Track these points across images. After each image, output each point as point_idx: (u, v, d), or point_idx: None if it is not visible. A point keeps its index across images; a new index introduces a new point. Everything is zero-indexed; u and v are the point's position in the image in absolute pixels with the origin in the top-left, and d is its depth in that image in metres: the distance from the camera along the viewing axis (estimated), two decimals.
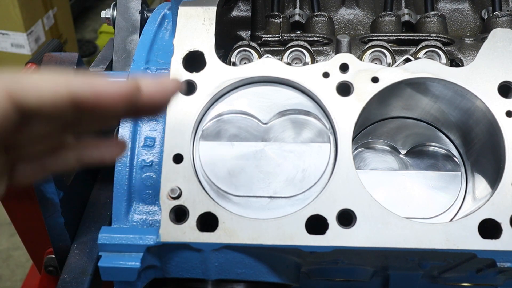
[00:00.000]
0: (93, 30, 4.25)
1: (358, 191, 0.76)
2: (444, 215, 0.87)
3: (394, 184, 0.89)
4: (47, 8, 3.24)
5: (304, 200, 0.78)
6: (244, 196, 0.80)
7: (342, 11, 1.09)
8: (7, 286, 2.54)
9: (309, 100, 0.83)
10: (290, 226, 0.75)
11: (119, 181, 0.88)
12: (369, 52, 0.91)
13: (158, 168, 0.88)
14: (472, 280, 0.90)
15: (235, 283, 0.85)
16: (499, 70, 0.80)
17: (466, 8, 1.08)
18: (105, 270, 0.76)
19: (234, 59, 0.92)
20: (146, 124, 0.91)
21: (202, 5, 0.85)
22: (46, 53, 0.96)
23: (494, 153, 0.81)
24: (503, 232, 0.74)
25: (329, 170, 0.79)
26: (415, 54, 0.92)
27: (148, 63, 0.99)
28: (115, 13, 1.19)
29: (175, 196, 0.76)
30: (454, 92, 0.82)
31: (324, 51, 0.97)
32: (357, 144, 0.93)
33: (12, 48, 3.13)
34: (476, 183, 0.88)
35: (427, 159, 0.92)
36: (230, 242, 0.75)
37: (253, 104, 0.83)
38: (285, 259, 0.82)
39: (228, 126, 0.83)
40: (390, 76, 0.81)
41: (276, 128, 0.83)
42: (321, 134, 0.82)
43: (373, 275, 0.90)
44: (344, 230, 0.74)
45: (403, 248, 0.74)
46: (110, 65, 1.16)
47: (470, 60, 0.93)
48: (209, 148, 0.81)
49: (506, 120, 0.78)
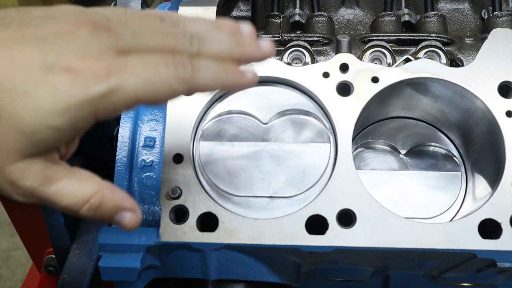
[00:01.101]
0: None
1: (358, 191, 0.76)
2: (444, 215, 0.87)
3: (394, 184, 0.89)
4: None
5: (304, 200, 0.78)
6: (244, 196, 0.80)
7: (342, 11, 1.09)
8: (7, 286, 2.54)
9: (309, 100, 0.83)
10: (290, 226, 0.75)
11: (119, 181, 0.88)
12: (369, 52, 0.91)
13: (158, 168, 0.88)
14: (472, 280, 0.90)
15: (235, 283, 0.85)
16: (499, 70, 0.80)
17: (466, 8, 1.08)
18: (105, 270, 0.76)
19: None
20: (146, 124, 0.91)
21: (202, 5, 0.85)
22: None
23: (494, 153, 0.81)
24: (503, 232, 0.74)
25: (329, 170, 0.79)
26: (415, 54, 0.92)
27: None
28: None
29: (175, 196, 0.77)
30: (454, 92, 0.82)
31: (324, 51, 0.97)
32: (357, 144, 0.93)
33: None
34: (476, 183, 0.88)
35: (427, 159, 0.92)
36: (230, 242, 0.75)
37: (253, 104, 0.83)
38: (285, 259, 0.82)
39: (228, 126, 0.83)
40: (390, 76, 0.81)
41: (276, 128, 0.83)
42: (321, 134, 0.82)
43: (373, 275, 0.90)
44: (344, 230, 0.74)
45: (403, 248, 0.74)
46: None
47: (470, 60, 0.93)
48: (209, 148, 0.81)
49: (506, 120, 0.78)
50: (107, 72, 0.50)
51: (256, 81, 0.61)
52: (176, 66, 0.53)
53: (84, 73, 0.49)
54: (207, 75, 0.55)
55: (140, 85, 0.51)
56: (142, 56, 0.53)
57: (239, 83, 0.59)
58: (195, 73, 0.54)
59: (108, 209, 0.57)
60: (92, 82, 0.49)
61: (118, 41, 0.52)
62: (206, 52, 0.56)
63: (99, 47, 0.51)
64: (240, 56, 0.59)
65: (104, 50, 0.51)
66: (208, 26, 0.59)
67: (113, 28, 0.52)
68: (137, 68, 0.51)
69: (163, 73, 0.52)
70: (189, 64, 0.54)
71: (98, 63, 0.50)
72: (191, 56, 0.55)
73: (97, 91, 0.49)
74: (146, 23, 0.56)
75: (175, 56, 0.54)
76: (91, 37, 0.51)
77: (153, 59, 0.53)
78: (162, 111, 0.91)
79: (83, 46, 0.50)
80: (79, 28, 0.51)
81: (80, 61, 0.49)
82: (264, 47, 0.61)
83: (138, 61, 0.52)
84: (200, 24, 0.59)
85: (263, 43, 0.61)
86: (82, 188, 0.55)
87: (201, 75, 0.55)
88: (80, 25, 0.51)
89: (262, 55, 0.61)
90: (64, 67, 0.49)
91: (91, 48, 0.50)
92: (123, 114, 0.90)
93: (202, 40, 0.57)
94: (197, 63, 0.55)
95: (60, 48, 0.50)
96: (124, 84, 0.50)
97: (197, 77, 0.54)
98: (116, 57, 0.51)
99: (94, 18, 0.53)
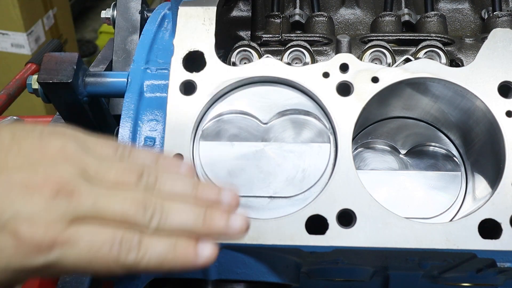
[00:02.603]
0: (93, 30, 4.26)
1: (358, 191, 0.76)
2: (444, 215, 0.87)
3: (394, 184, 0.89)
4: (47, 8, 3.24)
5: (304, 200, 0.78)
6: (244, 196, 0.80)
7: (342, 11, 1.09)
8: None
9: (309, 100, 0.83)
10: (290, 226, 0.75)
11: None
12: (369, 52, 0.91)
13: None
14: (472, 280, 0.90)
15: (235, 283, 0.85)
16: (499, 70, 0.80)
17: (466, 8, 1.08)
18: None
19: (234, 59, 0.92)
20: (146, 124, 0.91)
21: (202, 5, 0.85)
22: (46, 53, 0.96)
23: (494, 153, 0.81)
24: (503, 232, 0.74)
25: (329, 170, 0.79)
26: (415, 54, 0.92)
27: (148, 63, 0.99)
28: (115, 13, 1.19)
29: None
30: (454, 92, 0.82)
31: (324, 51, 0.97)
32: (357, 144, 0.93)
33: (12, 48, 3.12)
34: (476, 183, 0.88)
35: (427, 159, 0.92)
36: (230, 242, 0.75)
37: (253, 104, 0.83)
38: (285, 259, 0.82)
39: (228, 126, 0.83)
40: (390, 76, 0.81)
41: (276, 128, 0.83)
42: (321, 134, 0.82)
43: (373, 275, 0.90)
44: (344, 230, 0.74)
45: (403, 248, 0.74)
46: (110, 65, 1.16)
47: (470, 60, 0.93)
48: (209, 148, 0.81)
49: (506, 120, 0.78)
50: (50, 246, 0.51)
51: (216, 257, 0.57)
52: (120, 250, 0.53)
53: (28, 244, 0.51)
54: (152, 260, 0.55)
55: (79, 261, 0.53)
56: (93, 230, 0.53)
57: (190, 264, 0.56)
58: (138, 258, 0.54)
59: None
60: (32, 255, 0.51)
61: (76, 209, 0.53)
62: (164, 227, 0.56)
63: (54, 216, 0.52)
64: (204, 233, 0.57)
65: (57, 220, 0.52)
66: (185, 188, 0.59)
67: (77, 193, 0.53)
68: (82, 243, 0.52)
69: (105, 255, 0.53)
70: (136, 248, 0.54)
71: (44, 235, 0.51)
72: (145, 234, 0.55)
73: (35, 263, 0.51)
74: (121, 179, 0.57)
75: (126, 235, 0.54)
76: (49, 204, 0.52)
77: (101, 235, 0.53)
78: (162, 111, 0.91)
79: (39, 212, 0.51)
80: (42, 190, 0.52)
81: (29, 229, 0.51)
82: (235, 225, 0.58)
83: (86, 235, 0.53)
84: (178, 185, 0.59)
85: (236, 221, 0.58)
86: None
87: (145, 260, 0.54)
88: (45, 186, 0.52)
89: (231, 234, 0.58)
90: (13, 230, 0.51)
91: (45, 216, 0.52)
92: (123, 114, 0.90)
93: (166, 213, 0.56)
94: (145, 245, 0.54)
95: (17, 207, 0.51)
96: (64, 258, 0.52)
97: (141, 261, 0.54)
98: (67, 227, 0.52)
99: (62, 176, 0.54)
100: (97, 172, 0.56)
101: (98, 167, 0.57)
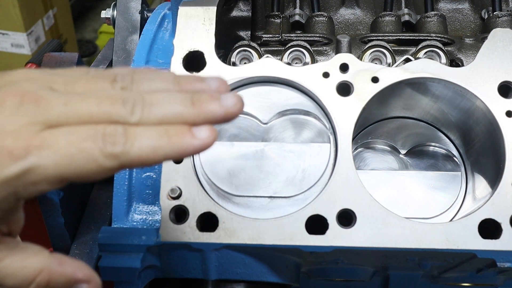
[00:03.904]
0: (93, 30, 4.25)
1: (358, 191, 0.76)
2: (444, 215, 0.87)
3: (394, 184, 0.89)
4: (47, 8, 3.24)
5: (304, 200, 0.78)
6: (244, 196, 0.80)
7: (342, 11, 1.09)
8: None
9: (309, 100, 0.83)
10: (290, 226, 0.75)
11: (119, 181, 0.88)
12: (369, 52, 0.91)
13: (158, 168, 0.88)
14: (472, 280, 0.90)
15: (235, 283, 0.85)
16: (499, 70, 0.80)
17: (466, 8, 1.08)
18: (105, 270, 0.76)
19: (234, 59, 0.92)
20: None
21: (202, 5, 0.85)
22: (46, 53, 0.96)
23: (494, 153, 0.81)
24: (503, 232, 0.74)
25: (329, 170, 0.79)
26: (415, 54, 0.92)
27: (148, 63, 0.99)
28: (115, 13, 1.19)
29: (175, 196, 0.77)
30: (454, 92, 0.82)
31: (324, 51, 0.97)
32: (357, 144, 0.93)
33: (12, 48, 3.12)
34: (476, 183, 0.88)
35: (427, 159, 0.92)
36: (230, 242, 0.75)
37: (253, 104, 0.83)
38: (285, 259, 0.82)
39: (228, 126, 0.83)
40: (390, 76, 0.81)
41: (276, 128, 0.83)
42: (321, 134, 0.82)
43: (373, 275, 0.90)
44: (344, 230, 0.74)
45: (403, 248, 0.74)
46: (110, 65, 1.16)
47: (470, 60, 0.93)
48: (209, 148, 0.81)
49: (506, 120, 0.78)
50: (24, 151, 0.48)
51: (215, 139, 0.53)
52: (104, 140, 0.49)
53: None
54: (144, 146, 0.50)
55: (61, 162, 0.48)
56: (70, 129, 0.49)
57: (188, 147, 0.52)
58: (128, 145, 0.49)
59: (59, 284, 0.54)
60: (6, 163, 0.47)
61: (46, 114, 0.50)
62: (149, 119, 0.51)
63: (21, 122, 0.49)
64: (194, 117, 0.52)
65: (26, 126, 0.49)
66: (166, 84, 0.55)
67: (44, 99, 0.50)
68: (59, 144, 0.48)
69: (88, 149, 0.48)
70: (122, 135, 0.49)
71: (15, 142, 0.48)
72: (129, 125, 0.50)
73: (11, 171, 0.48)
74: (93, 86, 0.53)
75: (107, 128, 0.50)
76: (14, 112, 0.49)
77: (80, 132, 0.49)
78: None
79: (4, 121, 0.48)
80: (4, 102, 0.49)
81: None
82: (227, 104, 0.53)
83: (62, 136, 0.49)
84: (157, 82, 0.54)
85: (228, 98, 0.53)
86: (25, 267, 0.52)
87: (135, 146, 0.49)
88: (6, 97, 0.50)
89: (223, 115, 0.53)
90: None
91: (11, 124, 0.48)
92: None
93: (149, 105, 0.51)
94: (133, 132, 0.50)
95: None
96: (42, 162, 0.48)
97: (131, 150, 0.49)
98: (39, 132, 0.49)
99: (26, 88, 0.51)
100: (66, 84, 0.52)
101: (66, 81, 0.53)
